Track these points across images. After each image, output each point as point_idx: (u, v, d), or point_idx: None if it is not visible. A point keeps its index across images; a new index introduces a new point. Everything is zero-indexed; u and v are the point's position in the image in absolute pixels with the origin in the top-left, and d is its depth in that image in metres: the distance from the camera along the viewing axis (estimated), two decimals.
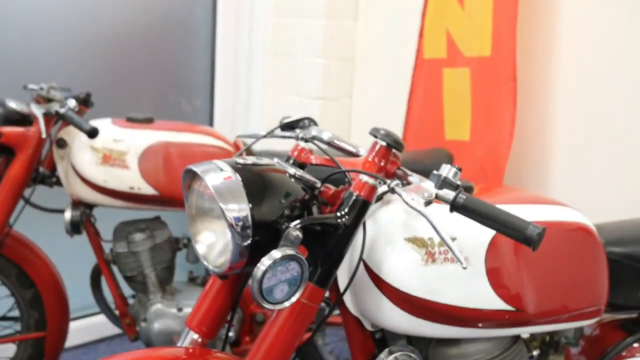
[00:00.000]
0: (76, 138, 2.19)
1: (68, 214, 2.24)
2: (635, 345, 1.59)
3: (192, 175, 1.23)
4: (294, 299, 1.15)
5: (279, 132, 1.52)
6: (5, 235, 2.19)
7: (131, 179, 2.19)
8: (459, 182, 1.20)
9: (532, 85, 2.71)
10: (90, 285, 2.41)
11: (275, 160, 1.26)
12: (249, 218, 1.14)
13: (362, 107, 3.34)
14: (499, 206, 1.17)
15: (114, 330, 2.94)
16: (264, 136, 1.50)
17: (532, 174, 2.75)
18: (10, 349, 2.39)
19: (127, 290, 2.42)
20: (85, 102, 2.22)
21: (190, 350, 1.29)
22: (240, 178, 1.16)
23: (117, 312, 2.41)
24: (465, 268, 1.13)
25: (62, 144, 2.21)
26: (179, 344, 1.37)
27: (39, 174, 2.24)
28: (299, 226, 1.15)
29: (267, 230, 1.16)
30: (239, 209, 1.14)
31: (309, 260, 1.19)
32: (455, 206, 1.17)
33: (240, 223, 1.13)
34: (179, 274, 2.47)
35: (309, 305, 1.21)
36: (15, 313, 2.36)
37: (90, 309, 2.84)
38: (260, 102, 3.41)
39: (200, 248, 1.23)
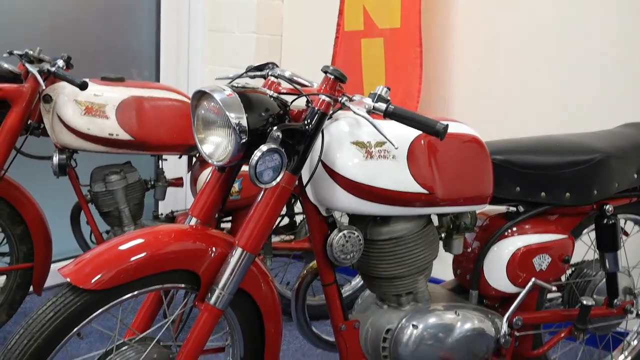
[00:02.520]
0: (61, 94, 2.58)
1: (56, 158, 2.62)
2: (514, 229, 2.13)
3: (200, 96, 1.69)
4: (278, 179, 1.64)
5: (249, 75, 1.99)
6: (0, 178, 2.56)
7: (110, 127, 2.60)
8: (389, 98, 1.71)
9: (435, 50, 3.29)
10: (70, 222, 2.81)
11: (258, 86, 1.74)
12: (246, 123, 1.62)
13: None
14: None
15: None
16: (240, 76, 1.96)
17: None
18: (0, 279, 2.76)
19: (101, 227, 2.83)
20: (67, 63, 2.61)
21: (194, 227, 1.73)
22: (237, 95, 1.64)
23: (93, 245, 2.82)
24: (397, 148, 1.64)
25: (47, 99, 2.59)
26: None
27: (28, 125, 2.61)
28: (279, 129, 1.64)
29: (257, 132, 1.64)
30: (239, 116, 1.61)
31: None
32: (387, 113, 1.68)
33: (239, 127, 1.61)
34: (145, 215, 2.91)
35: (285, 188, 1.69)
36: (4, 249, 2.73)
37: (72, 253, 3.16)
38: (200, 73, 3.86)
39: (207, 149, 1.70)
